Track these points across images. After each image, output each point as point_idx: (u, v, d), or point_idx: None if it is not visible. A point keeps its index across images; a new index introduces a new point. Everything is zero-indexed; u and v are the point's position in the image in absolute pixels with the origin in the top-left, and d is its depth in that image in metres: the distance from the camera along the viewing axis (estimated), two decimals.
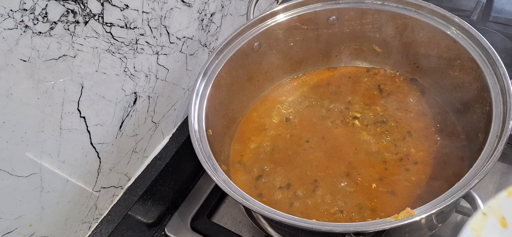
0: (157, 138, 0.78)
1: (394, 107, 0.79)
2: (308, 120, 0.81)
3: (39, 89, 0.53)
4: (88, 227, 0.69)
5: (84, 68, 0.59)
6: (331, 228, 0.52)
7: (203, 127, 0.66)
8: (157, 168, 0.76)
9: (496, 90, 0.61)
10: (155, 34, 0.69)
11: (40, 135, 0.55)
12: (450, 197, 0.51)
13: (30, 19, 0.50)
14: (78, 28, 0.56)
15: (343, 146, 0.75)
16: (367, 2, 0.78)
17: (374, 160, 0.72)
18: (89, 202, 0.67)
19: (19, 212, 0.56)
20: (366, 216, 0.65)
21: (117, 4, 0.61)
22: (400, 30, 0.79)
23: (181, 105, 0.82)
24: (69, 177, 0.62)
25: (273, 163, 0.75)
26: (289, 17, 0.80)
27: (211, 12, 0.82)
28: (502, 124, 0.57)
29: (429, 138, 0.73)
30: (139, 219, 0.75)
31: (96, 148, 0.65)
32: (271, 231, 0.64)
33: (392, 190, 0.67)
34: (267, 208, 0.55)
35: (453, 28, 0.70)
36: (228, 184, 0.57)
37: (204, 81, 0.71)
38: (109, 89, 0.64)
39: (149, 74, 0.71)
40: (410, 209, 0.51)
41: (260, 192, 0.71)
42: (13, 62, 0.50)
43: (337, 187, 0.69)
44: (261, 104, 0.86)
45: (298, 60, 0.87)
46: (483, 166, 0.53)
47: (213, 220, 0.79)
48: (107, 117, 0.65)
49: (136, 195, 0.73)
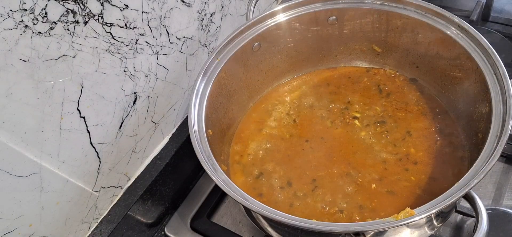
0: (157, 138, 0.78)
1: (393, 107, 0.79)
2: (308, 120, 0.81)
3: (38, 89, 0.53)
4: (88, 227, 0.69)
5: (84, 68, 0.59)
6: (331, 228, 0.52)
7: (203, 127, 0.66)
8: (157, 168, 0.76)
9: (495, 90, 0.61)
10: (155, 34, 0.69)
11: (40, 135, 0.55)
12: (450, 197, 0.51)
13: (30, 19, 0.50)
14: (78, 28, 0.56)
15: (343, 146, 0.75)
16: (366, 2, 0.78)
17: (373, 160, 0.72)
18: (89, 202, 0.67)
19: (19, 212, 0.56)
20: (366, 216, 0.65)
21: (117, 4, 0.61)
22: (400, 30, 0.79)
23: (181, 105, 0.82)
24: (69, 177, 0.62)
25: (272, 163, 0.75)
26: (289, 17, 0.80)
27: (211, 12, 0.82)
28: (502, 124, 0.57)
29: (428, 138, 0.73)
30: (139, 219, 0.75)
31: (96, 148, 0.65)
32: (271, 231, 0.64)
33: (391, 190, 0.67)
34: (267, 208, 0.55)
35: (453, 28, 0.70)
36: (228, 184, 0.57)
37: (204, 81, 0.71)
38: (109, 89, 0.64)
39: (149, 74, 0.71)
40: (410, 209, 0.51)
41: (260, 192, 0.71)
42: (13, 62, 0.50)
43: (336, 187, 0.69)
44: (261, 104, 0.86)
45: (298, 60, 0.87)
46: (483, 166, 0.53)
47: (213, 220, 0.79)
48: (107, 117, 0.65)
49: (136, 195, 0.73)
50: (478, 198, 0.52)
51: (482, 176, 0.51)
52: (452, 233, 0.69)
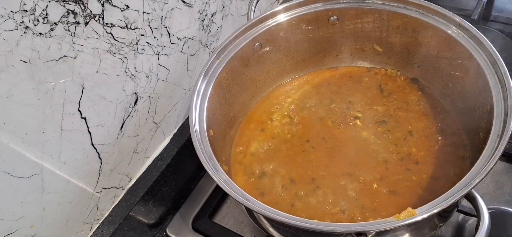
0: (158, 138, 0.78)
1: (395, 107, 0.79)
2: (309, 120, 0.81)
3: (39, 90, 0.53)
4: (89, 228, 0.69)
5: (84, 69, 0.59)
6: (332, 228, 0.52)
7: (204, 128, 0.66)
8: (158, 168, 0.76)
9: (497, 89, 0.61)
10: (155, 34, 0.69)
11: (41, 136, 0.55)
12: (451, 196, 0.50)
13: (31, 20, 0.50)
14: (79, 29, 0.56)
15: (344, 146, 0.75)
16: (367, 2, 0.78)
17: (375, 160, 0.72)
18: (90, 203, 0.67)
19: (20, 213, 0.56)
20: (367, 216, 0.65)
21: (118, 5, 0.61)
22: (400, 29, 0.79)
23: (182, 105, 0.82)
24: (70, 178, 0.62)
25: (274, 163, 0.74)
26: (290, 17, 0.80)
27: (212, 12, 0.82)
28: (503, 123, 0.57)
29: (430, 137, 0.73)
30: (141, 220, 0.75)
31: (97, 149, 0.65)
32: (272, 231, 0.64)
33: (393, 190, 0.67)
34: (269, 208, 0.55)
35: (454, 27, 0.70)
36: (229, 185, 0.57)
37: (205, 82, 0.72)
38: (110, 90, 0.64)
39: (150, 74, 0.71)
40: (411, 209, 0.51)
41: (262, 192, 0.71)
42: (14, 63, 0.50)
43: (338, 187, 0.69)
44: (262, 104, 0.86)
45: (299, 60, 0.87)
46: (484, 166, 0.53)
47: (215, 221, 0.79)
48: (108, 118, 0.65)
49: (137, 195, 0.73)
50: (480, 197, 0.52)
51: (484, 176, 0.51)
52: (453, 233, 0.69)
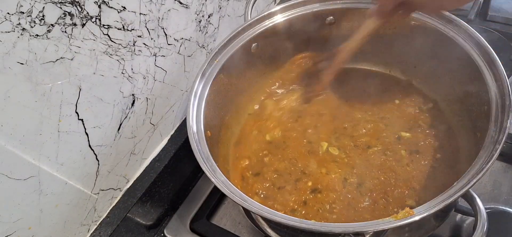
0: (155, 139, 0.78)
1: (392, 108, 0.79)
2: (307, 121, 0.80)
3: (37, 91, 0.53)
4: (87, 230, 0.69)
5: (81, 70, 0.58)
6: (330, 229, 0.52)
7: (201, 129, 0.66)
8: (156, 169, 0.76)
9: (494, 89, 0.61)
10: (152, 35, 0.69)
11: (38, 138, 0.55)
12: (449, 196, 0.51)
13: (27, 22, 0.50)
14: (76, 31, 0.56)
15: (343, 147, 0.75)
16: (364, 2, 0.78)
17: (372, 161, 0.72)
18: (88, 204, 0.67)
19: (18, 215, 0.56)
20: (365, 216, 0.65)
21: (114, 6, 0.60)
22: (397, 30, 0.79)
23: (180, 106, 0.82)
24: (67, 180, 0.61)
25: (272, 164, 0.74)
26: (287, 17, 0.80)
27: (209, 13, 0.82)
28: (500, 123, 0.57)
29: (427, 138, 0.73)
30: (138, 221, 0.75)
31: (94, 150, 0.65)
32: (270, 232, 0.64)
33: (390, 190, 0.67)
34: (266, 209, 0.55)
35: (450, 27, 0.70)
36: (227, 186, 0.57)
37: (202, 83, 0.71)
38: (107, 91, 0.64)
39: (147, 76, 0.70)
40: (409, 209, 0.51)
41: (259, 193, 0.71)
42: (11, 65, 0.50)
43: (335, 188, 0.69)
44: (260, 105, 0.85)
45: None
46: (481, 165, 0.53)
47: (213, 222, 0.79)
48: (105, 119, 0.65)
49: (135, 197, 0.73)
50: (477, 197, 0.52)
51: (481, 175, 0.51)
52: (451, 232, 0.69)
